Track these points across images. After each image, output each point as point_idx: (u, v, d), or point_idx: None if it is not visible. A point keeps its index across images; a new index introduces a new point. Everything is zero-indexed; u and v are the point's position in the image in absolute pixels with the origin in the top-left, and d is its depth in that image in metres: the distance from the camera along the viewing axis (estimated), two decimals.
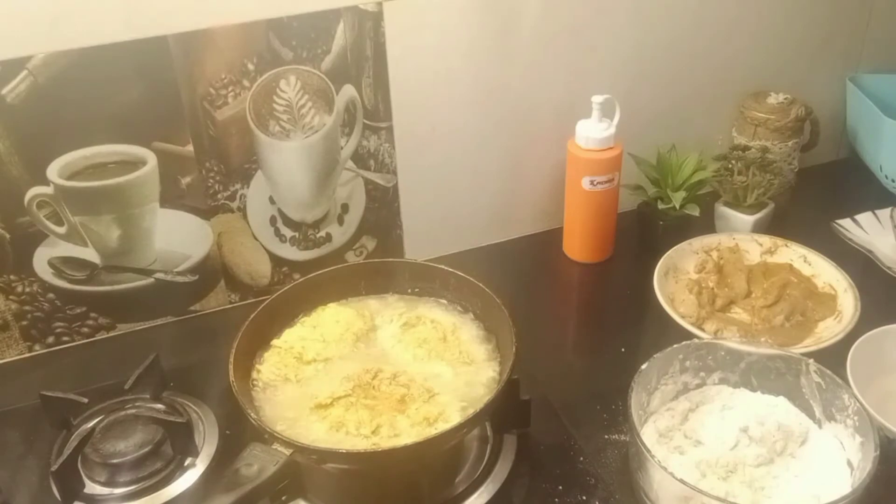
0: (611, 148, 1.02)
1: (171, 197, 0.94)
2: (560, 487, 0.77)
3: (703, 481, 0.72)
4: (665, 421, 0.78)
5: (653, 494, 0.71)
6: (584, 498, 0.76)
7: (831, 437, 0.76)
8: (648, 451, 0.69)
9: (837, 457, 0.74)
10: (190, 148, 0.92)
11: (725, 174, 1.09)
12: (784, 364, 0.79)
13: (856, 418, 0.73)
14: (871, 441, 0.69)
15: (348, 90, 0.96)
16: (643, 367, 0.76)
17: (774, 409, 0.78)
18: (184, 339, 0.99)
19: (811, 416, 0.78)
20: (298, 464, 0.70)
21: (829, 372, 0.76)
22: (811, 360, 0.78)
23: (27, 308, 0.94)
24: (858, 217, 1.12)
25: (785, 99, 1.12)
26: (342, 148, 0.99)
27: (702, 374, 0.81)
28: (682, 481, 0.66)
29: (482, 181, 1.09)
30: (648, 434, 0.77)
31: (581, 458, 0.80)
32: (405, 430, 0.73)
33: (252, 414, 0.72)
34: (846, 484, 0.71)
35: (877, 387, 0.82)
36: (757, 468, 0.73)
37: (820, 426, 0.77)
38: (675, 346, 0.79)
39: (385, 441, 0.72)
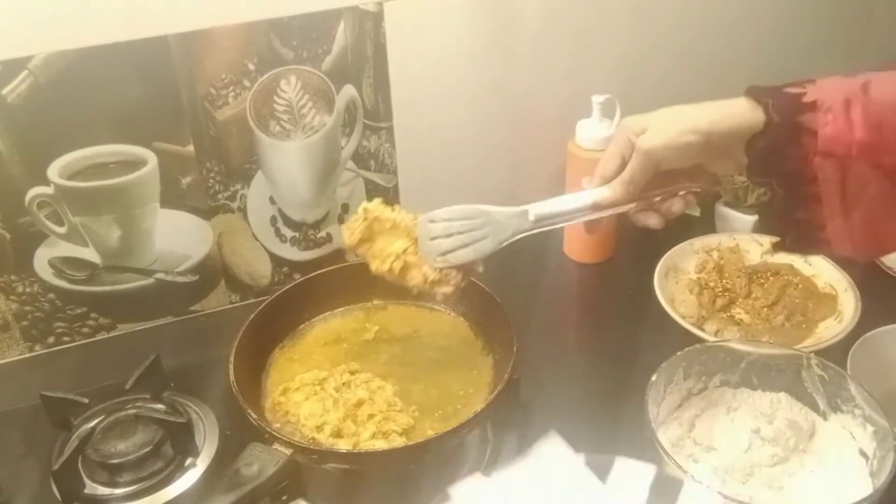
0: None
1: (172, 197, 0.94)
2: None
3: (725, 488, 0.71)
4: (674, 430, 0.77)
5: None
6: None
7: (839, 428, 0.76)
8: (700, 483, 0.67)
9: (849, 447, 0.74)
10: (190, 148, 0.92)
11: (726, 175, 1.09)
12: (784, 360, 0.79)
13: (865, 407, 0.73)
14: (886, 427, 0.69)
15: (349, 90, 0.96)
16: (653, 378, 0.75)
17: (779, 406, 0.78)
18: (184, 339, 0.99)
19: (815, 408, 0.78)
20: (298, 464, 0.70)
21: (831, 364, 0.76)
22: (812, 354, 0.78)
23: (28, 308, 0.94)
24: None
25: None
26: (342, 148, 0.99)
27: (703, 378, 0.81)
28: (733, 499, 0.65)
29: (482, 181, 1.09)
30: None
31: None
32: (349, 435, 0.74)
33: (252, 414, 0.72)
34: (864, 473, 0.71)
35: (877, 387, 0.81)
36: (773, 468, 0.73)
37: (825, 418, 0.77)
38: (678, 353, 0.78)
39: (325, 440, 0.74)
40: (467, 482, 0.65)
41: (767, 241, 1.02)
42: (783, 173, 0.60)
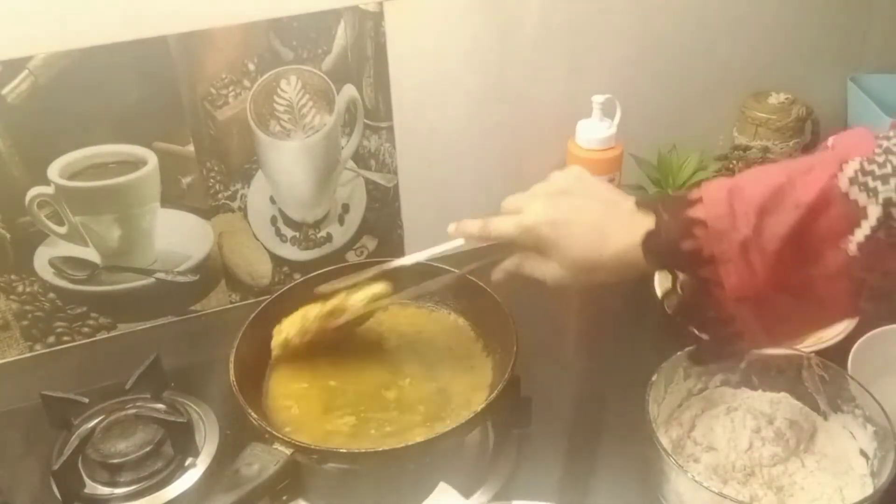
0: (611, 148, 1.02)
1: (172, 197, 0.94)
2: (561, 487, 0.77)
3: (726, 488, 0.72)
4: (675, 431, 0.78)
5: None
6: (586, 498, 0.76)
7: (840, 428, 0.76)
8: (700, 483, 0.67)
9: (850, 447, 0.74)
10: (190, 148, 0.92)
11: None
12: (784, 360, 0.79)
13: (865, 407, 0.73)
14: (886, 427, 0.69)
15: (349, 90, 0.96)
16: (653, 378, 0.75)
17: (779, 406, 0.78)
18: (184, 338, 0.99)
19: (815, 408, 0.78)
20: (299, 464, 0.70)
21: (832, 364, 0.76)
22: (812, 354, 0.78)
23: (28, 308, 0.94)
24: None
25: (786, 99, 1.12)
26: (343, 148, 0.99)
27: (703, 378, 0.81)
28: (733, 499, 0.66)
29: (483, 181, 1.09)
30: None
31: (582, 457, 0.80)
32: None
33: (252, 414, 0.72)
34: (865, 473, 0.71)
35: (878, 387, 0.81)
36: (773, 468, 0.73)
37: (826, 418, 0.77)
38: (678, 353, 0.78)
39: None
40: None
41: None
42: (703, 321, 0.63)
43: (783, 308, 0.59)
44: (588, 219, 0.65)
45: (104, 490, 0.78)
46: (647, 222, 0.61)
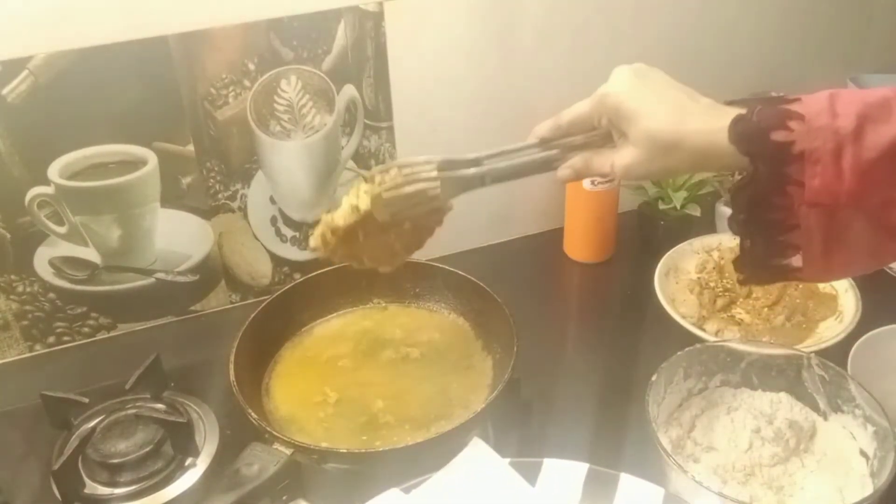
0: None
1: (172, 197, 0.94)
2: None
3: (726, 488, 0.72)
4: (675, 431, 0.78)
5: None
6: None
7: (839, 429, 0.76)
8: (700, 483, 0.67)
9: (850, 447, 0.74)
10: (191, 148, 0.92)
11: (726, 174, 1.09)
12: (784, 360, 0.79)
13: (865, 407, 0.73)
14: (886, 427, 0.69)
15: (349, 90, 0.96)
16: (653, 378, 0.75)
17: (779, 406, 0.78)
18: (184, 338, 0.99)
19: (815, 409, 0.78)
20: (299, 464, 0.70)
21: (832, 364, 0.76)
22: (812, 354, 0.78)
23: (28, 308, 0.94)
24: None
25: None
26: (343, 148, 0.99)
27: (704, 378, 0.81)
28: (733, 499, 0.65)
29: None
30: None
31: (582, 458, 0.80)
32: None
33: (252, 414, 0.72)
34: (864, 473, 0.71)
35: (878, 387, 0.81)
36: (773, 468, 0.73)
37: (825, 418, 0.77)
38: (678, 353, 0.78)
39: None
40: (383, 500, 0.64)
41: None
42: (765, 222, 0.59)
43: (852, 228, 0.55)
44: (670, 94, 0.63)
45: (104, 490, 0.78)
46: (734, 112, 0.58)
